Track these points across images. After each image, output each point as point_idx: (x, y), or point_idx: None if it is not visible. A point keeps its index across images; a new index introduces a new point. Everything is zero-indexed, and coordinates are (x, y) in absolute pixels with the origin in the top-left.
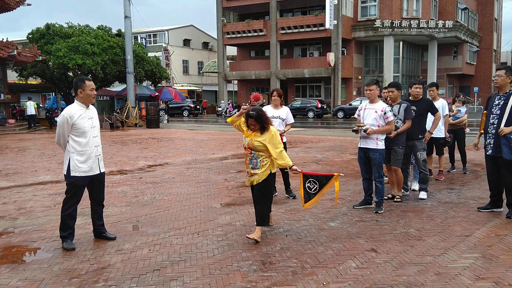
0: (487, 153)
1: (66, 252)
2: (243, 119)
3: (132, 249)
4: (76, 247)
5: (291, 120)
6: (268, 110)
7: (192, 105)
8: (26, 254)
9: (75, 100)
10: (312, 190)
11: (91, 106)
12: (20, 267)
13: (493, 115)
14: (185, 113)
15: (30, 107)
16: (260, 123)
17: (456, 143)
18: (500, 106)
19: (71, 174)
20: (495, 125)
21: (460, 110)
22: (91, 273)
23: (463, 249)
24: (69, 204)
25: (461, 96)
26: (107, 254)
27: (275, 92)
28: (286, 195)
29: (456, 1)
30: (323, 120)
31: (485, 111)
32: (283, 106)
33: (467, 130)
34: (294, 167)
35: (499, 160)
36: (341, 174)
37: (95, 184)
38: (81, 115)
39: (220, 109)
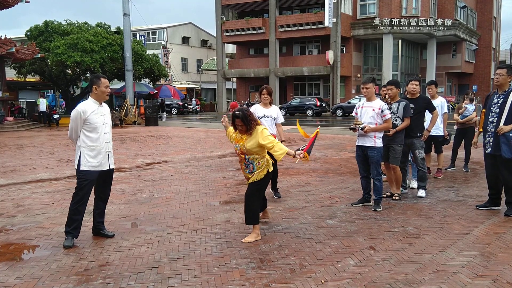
0: (486, 151)
1: (64, 249)
2: (230, 128)
3: (131, 246)
4: (75, 245)
5: (281, 119)
6: (258, 109)
7: (181, 103)
8: (24, 252)
9: (89, 97)
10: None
11: (104, 104)
12: (18, 265)
13: (492, 114)
14: (174, 110)
15: (42, 104)
16: (246, 124)
17: (464, 141)
18: (499, 104)
19: (81, 168)
20: (494, 124)
21: (467, 108)
22: (90, 270)
23: (462, 247)
24: (77, 199)
25: (470, 94)
26: (105, 252)
27: (265, 90)
28: (271, 191)
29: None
30: (322, 118)
31: (484, 109)
32: (273, 105)
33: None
34: (298, 152)
35: (498, 159)
36: (319, 127)
37: (103, 180)
38: (94, 111)
39: (191, 106)
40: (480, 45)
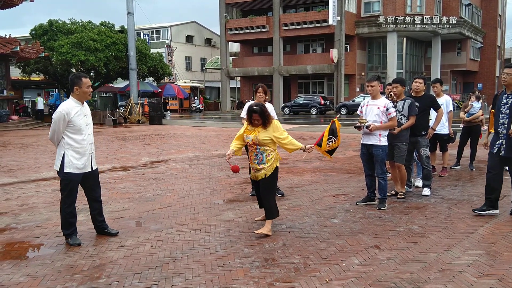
0: (500, 154)
1: (68, 248)
2: (235, 144)
3: (135, 245)
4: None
5: (274, 117)
6: None
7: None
8: (29, 250)
9: (71, 97)
10: (332, 142)
11: (85, 103)
12: (22, 263)
13: (503, 115)
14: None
15: (40, 103)
16: (263, 118)
17: (470, 139)
18: (508, 105)
19: (65, 171)
20: (506, 125)
21: (473, 105)
22: (93, 269)
23: (467, 246)
24: (68, 202)
25: (476, 92)
26: (109, 250)
27: (260, 88)
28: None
29: None
30: (326, 116)
31: (493, 110)
32: (267, 102)
33: (485, 127)
34: (308, 146)
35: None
36: (338, 116)
37: (89, 181)
38: (77, 112)
39: (194, 105)
40: (485, 43)
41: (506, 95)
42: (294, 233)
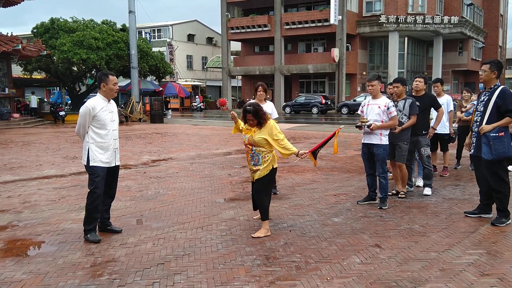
0: (470, 153)
1: (70, 245)
2: (238, 123)
3: (136, 243)
4: (81, 241)
5: (275, 115)
6: None
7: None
8: (31, 248)
9: (98, 93)
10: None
11: (111, 101)
12: (24, 260)
13: (478, 112)
14: None
15: (33, 101)
16: (257, 118)
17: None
18: (484, 102)
19: (91, 164)
20: (478, 123)
21: (474, 105)
22: (96, 266)
23: (468, 245)
24: (94, 196)
25: (464, 92)
26: (111, 248)
27: (260, 87)
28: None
29: None
30: (327, 116)
31: (475, 109)
32: (267, 101)
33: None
34: (301, 152)
35: (482, 161)
36: (341, 127)
37: (110, 176)
38: (103, 108)
39: (195, 104)
40: (487, 43)
41: (484, 92)
42: (295, 231)
